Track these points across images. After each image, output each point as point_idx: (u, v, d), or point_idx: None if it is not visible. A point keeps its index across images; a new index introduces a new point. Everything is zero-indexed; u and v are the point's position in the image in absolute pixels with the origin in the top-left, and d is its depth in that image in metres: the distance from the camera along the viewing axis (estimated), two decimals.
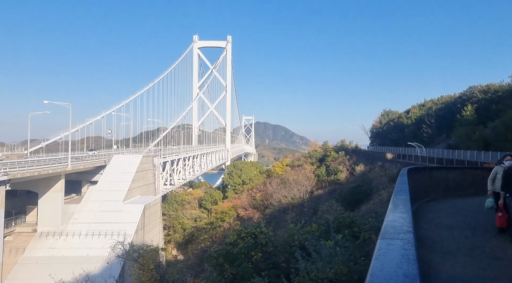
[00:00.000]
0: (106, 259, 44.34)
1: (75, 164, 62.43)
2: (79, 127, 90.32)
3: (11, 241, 55.42)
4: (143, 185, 75.37)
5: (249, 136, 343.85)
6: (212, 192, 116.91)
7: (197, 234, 75.32)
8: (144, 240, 59.39)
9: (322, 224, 23.53)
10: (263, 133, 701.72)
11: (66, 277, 42.70)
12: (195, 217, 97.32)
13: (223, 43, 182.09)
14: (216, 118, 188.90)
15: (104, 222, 59.36)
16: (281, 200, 73.60)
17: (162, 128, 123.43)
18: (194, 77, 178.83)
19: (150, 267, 22.86)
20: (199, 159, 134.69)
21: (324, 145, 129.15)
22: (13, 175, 47.16)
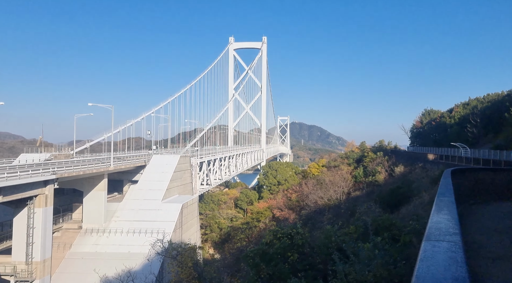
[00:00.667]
0: (146, 256, 45.83)
1: (117, 164, 65.02)
2: (120, 129, 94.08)
3: (59, 237, 58.63)
4: (181, 185, 77.14)
5: (284, 137, 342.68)
6: (248, 192, 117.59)
7: (233, 234, 76.13)
8: (182, 238, 60.76)
9: (360, 226, 23.02)
10: (298, 133, 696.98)
11: (109, 273, 44.59)
12: (231, 217, 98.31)
13: (258, 44, 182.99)
14: (251, 119, 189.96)
15: (144, 220, 61.34)
16: (317, 201, 72.77)
17: (199, 129, 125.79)
18: (230, 78, 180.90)
19: (189, 265, 23.36)
20: (234, 159, 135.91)
21: (362, 146, 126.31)
22: (60, 174, 49.85)
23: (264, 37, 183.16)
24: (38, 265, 46.62)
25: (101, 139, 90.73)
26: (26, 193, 44.84)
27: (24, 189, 44.26)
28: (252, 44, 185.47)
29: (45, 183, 47.43)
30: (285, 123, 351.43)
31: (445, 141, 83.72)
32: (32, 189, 45.63)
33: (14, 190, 42.86)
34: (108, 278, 42.25)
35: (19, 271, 45.71)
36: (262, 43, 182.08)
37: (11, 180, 41.48)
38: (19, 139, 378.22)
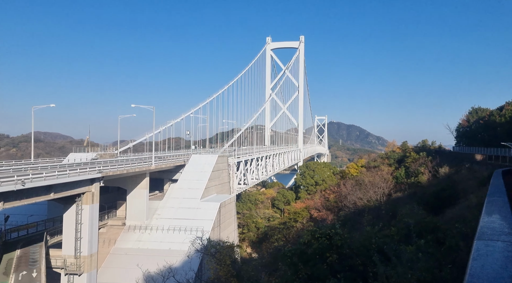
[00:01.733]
0: (186, 253, 47.02)
1: (158, 163, 67.09)
2: (161, 129, 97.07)
3: (104, 233, 61.41)
4: (219, 184, 78.26)
5: (322, 137, 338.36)
6: (285, 192, 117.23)
7: (271, 233, 76.18)
8: (220, 236, 61.67)
9: (402, 228, 22.24)
10: (336, 133, 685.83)
11: (151, 268, 46.10)
12: (268, 217, 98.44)
13: (295, 44, 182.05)
14: (288, 119, 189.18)
15: (184, 218, 62.84)
16: (356, 202, 71.18)
17: (236, 129, 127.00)
18: (267, 78, 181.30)
19: (227, 263, 23.66)
20: (271, 159, 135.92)
21: (403, 146, 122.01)
22: (105, 173, 52.19)
23: (301, 36, 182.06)
24: (86, 259, 49.06)
25: (143, 139, 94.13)
26: (75, 191, 47.35)
27: (72, 186, 46.78)
28: (289, 43, 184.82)
29: (92, 181, 49.85)
30: (323, 122, 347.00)
31: (494, 141, 79.00)
32: (80, 187, 48.12)
33: (64, 187, 45.40)
34: (150, 273, 43.69)
35: (69, 264, 48.34)
36: (299, 42, 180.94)
37: (61, 178, 43.95)
38: (68, 140, 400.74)
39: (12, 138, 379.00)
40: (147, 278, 43.21)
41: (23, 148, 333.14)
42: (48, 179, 41.93)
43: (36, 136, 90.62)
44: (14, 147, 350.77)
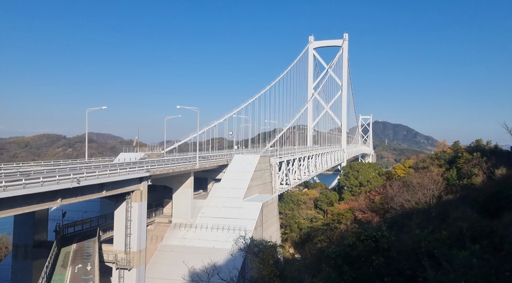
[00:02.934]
0: (229, 252, 47.55)
1: (202, 163, 68.66)
2: (205, 129, 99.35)
3: (152, 230, 63.84)
4: (261, 184, 78.60)
5: (367, 136, 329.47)
6: (328, 193, 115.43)
7: (314, 234, 75.34)
8: (262, 236, 61.94)
9: (454, 232, 21.14)
10: (382, 133, 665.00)
11: (196, 265, 47.26)
12: (311, 217, 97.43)
13: (339, 42, 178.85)
14: (331, 118, 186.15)
15: (227, 217, 63.78)
16: (403, 204, 68.46)
17: (278, 129, 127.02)
18: (309, 78, 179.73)
19: (270, 262, 23.70)
20: (314, 159, 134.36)
21: (455, 146, 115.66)
22: (153, 172, 54.22)
23: (345, 34, 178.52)
24: (135, 255, 51.26)
25: (187, 140, 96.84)
26: (125, 189, 49.65)
27: (123, 185, 49.08)
28: (333, 42, 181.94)
29: (140, 180, 52.01)
30: (368, 122, 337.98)
31: None
32: (130, 185, 50.37)
33: (115, 185, 47.75)
34: (195, 270, 44.78)
35: (119, 259, 50.74)
36: (343, 40, 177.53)
37: (113, 177, 46.25)
38: (119, 140, 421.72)
39: (68, 139, 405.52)
40: (192, 274, 44.36)
41: (78, 148, 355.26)
42: (100, 178, 44.29)
43: (89, 137, 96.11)
44: (70, 147, 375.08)
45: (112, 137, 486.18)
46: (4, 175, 40.88)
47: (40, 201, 37.50)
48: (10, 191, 32.90)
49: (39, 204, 37.56)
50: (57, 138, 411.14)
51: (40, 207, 38.63)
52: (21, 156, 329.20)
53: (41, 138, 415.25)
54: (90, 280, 42.74)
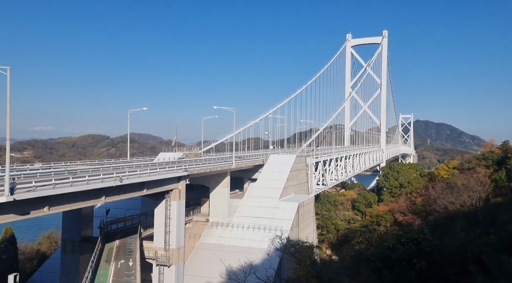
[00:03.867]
0: (266, 251, 47.75)
1: (238, 162, 69.26)
2: (241, 129, 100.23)
3: (190, 228, 65.22)
4: (297, 184, 78.07)
5: (407, 136, 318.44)
6: (366, 194, 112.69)
7: (352, 236, 73.77)
8: (299, 236, 61.44)
9: (504, 237, 19.90)
10: (423, 132, 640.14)
11: (233, 264, 47.74)
12: (348, 219, 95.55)
13: (378, 39, 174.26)
14: (369, 118, 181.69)
15: (263, 217, 63.90)
16: (447, 206, 65.49)
17: (314, 129, 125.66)
18: (347, 76, 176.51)
19: (307, 263, 23.47)
20: (351, 159, 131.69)
21: (504, 145, 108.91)
22: (191, 171, 55.40)
23: (384, 31, 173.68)
24: (174, 252, 52.59)
25: (224, 140, 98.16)
26: (164, 188, 51.08)
27: (162, 184, 50.53)
28: (371, 39, 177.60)
29: (179, 179, 53.30)
30: (408, 121, 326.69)
31: None
32: (169, 184, 51.76)
33: (155, 184, 49.27)
34: (232, 268, 45.22)
35: (159, 256, 52.28)
36: (382, 37, 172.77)
37: (153, 176, 47.73)
38: (158, 140, 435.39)
39: (112, 139, 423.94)
40: (229, 273, 44.82)
41: (120, 148, 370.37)
42: (141, 177, 45.84)
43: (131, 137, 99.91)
44: (114, 147, 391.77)
45: (152, 137, 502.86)
46: (54, 173, 43.39)
47: (86, 199, 39.41)
48: (59, 189, 34.81)
49: (85, 201, 39.48)
50: (101, 139, 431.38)
51: (86, 204, 40.60)
52: (69, 155, 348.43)
53: (86, 138, 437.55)
54: (132, 275, 44.34)
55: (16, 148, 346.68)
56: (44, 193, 33.16)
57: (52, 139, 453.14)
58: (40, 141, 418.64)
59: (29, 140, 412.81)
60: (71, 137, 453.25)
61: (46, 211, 34.84)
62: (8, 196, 29.08)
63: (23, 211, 32.48)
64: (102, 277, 44.12)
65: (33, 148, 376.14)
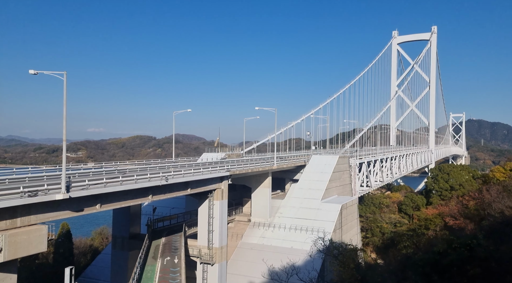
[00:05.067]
0: (308, 253, 47.20)
1: (279, 163, 69.16)
2: (282, 130, 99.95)
3: (232, 228, 66.05)
4: (340, 186, 76.59)
5: (458, 136, 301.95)
6: (414, 196, 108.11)
7: (398, 240, 71.12)
8: (342, 239, 60.26)
9: None
10: (476, 132, 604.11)
11: (275, 264, 47.79)
12: (394, 222, 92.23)
13: (426, 35, 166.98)
14: (417, 117, 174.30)
15: (305, 218, 63.35)
16: (503, 211, 61.15)
17: (358, 129, 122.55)
18: (393, 75, 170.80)
19: (350, 266, 22.90)
20: (397, 160, 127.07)
21: None
22: (233, 171, 56.12)
23: (433, 26, 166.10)
24: (217, 251, 53.53)
25: (265, 140, 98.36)
26: (207, 187, 52.15)
27: (205, 183, 51.62)
28: (419, 35, 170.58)
29: (221, 179, 54.19)
30: (460, 120, 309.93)
31: None
32: (212, 184, 52.78)
33: (199, 184, 50.45)
34: (274, 269, 45.28)
35: (203, 254, 53.44)
36: (431, 33, 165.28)
37: (196, 176, 48.91)
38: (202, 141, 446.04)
39: (158, 139, 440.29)
40: (271, 273, 44.91)
41: (166, 148, 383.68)
42: (186, 176, 47.13)
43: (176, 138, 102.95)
44: (159, 148, 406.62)
45: (195, 138, 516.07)
46: (105, 172, 45.78)
47: (134, 197, 41.14)
48: (110, 187, 36.66)
49: (133, 199, 41.24)
50: (148, 139, 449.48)
51: (134, 202, 42.39)
52: (118, 155, 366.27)
53: (135, 139, 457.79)
54: (177, 272, 45.64)
55: (71, 148, 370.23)
56: (96, 191, 35.08)
57: (103, 140, 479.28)
58: (92, 142, 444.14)
59: (83, 141, 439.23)
60: (120, 138, 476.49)
61: (98, 208, 36.81)
62: (64, 194, 31.06)
63: (77, 208, 34.52)
64: (150, 273, 45.80)
65: (87, 148, 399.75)
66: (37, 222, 30.74)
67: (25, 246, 28.60)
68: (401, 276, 23.78)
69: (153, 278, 44.55)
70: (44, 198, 30.14)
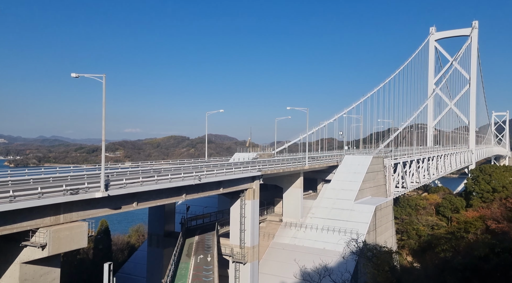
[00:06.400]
0: (341, 254, 46.58)
1: (311, 163, 68.57)
2: (314, 130, 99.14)
3: (264, 227, 66.22)
4: (374, 186, 74.91)
5: (502, 136, 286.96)
6: (452, 198, 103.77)
7: (436, 243, 68.45)
8: (376, 241, 58.88)
9: None
10: None
11: (307, 265, 47.47)
12: (432, 224, 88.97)
13: (466, 31, 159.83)
14: (456, 116, 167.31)
15: (337, 219, 62.48)
16: None
17: (393, 129, 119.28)
18: (430, 72, 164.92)
19: (385, 269, 22.36)
20: (435, 161, 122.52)
21: None
22: (264, 171, 56.25)
23: (474, 21, 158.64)
24: (249, 250, 53.86)
25: (297, 140, 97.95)
26: (239, 187, 52.60)
27: (237, 183, 52.08)
28: (458, 31, 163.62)
29: (253, 179, 54.47)
30: (503, 119, 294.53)
31: None
32: (243, 184, 53.17)
33: (230, 183, 50.98)
34: (306, 269, 45.01)
35: (235, 253, 53.96)
36: (471, 28, 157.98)
37: (228, 175, 49.45)
38: (233, 141, 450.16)
39: (191, 140, 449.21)
40: (304, 274, 44.64)
41: (199, 148, 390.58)
42: (218, 176, 47.77)
43: (208, 138, 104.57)
44: (193, 148, 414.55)
45: (227, 138, 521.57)
46: (141, 172, 47.26)
47: (169, 196, 42.20)
48: (146, 186, 37.83)
49: (168, 198, 42.32)
50: (182, 139, 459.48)
51: (169, 201, 43.48)
52: (154, 155, 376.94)
53: (169, 139, 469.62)
54: (210, 270, 46.34)
55: (109, 148, 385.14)
56: (133, 190, 36.32)
57: (139, 140, 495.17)
58: (129, 142, 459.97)
59: (120, 141, 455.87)
60: (156, 138, 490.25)
61: (135, 206, 38.08)
62: (103, 192, 32.40)
63: (115, 206, 35.88)
64: (183, 270, 46.80)
65: (124, 148, 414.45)
66: (78, 219, 32.25)
67: (68, 242, 30.06)
68: (438, 280, 22.90)
69: (187, 275, 45.47)
70: (84, 196, 31.60)
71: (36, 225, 28.93)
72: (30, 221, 28.53)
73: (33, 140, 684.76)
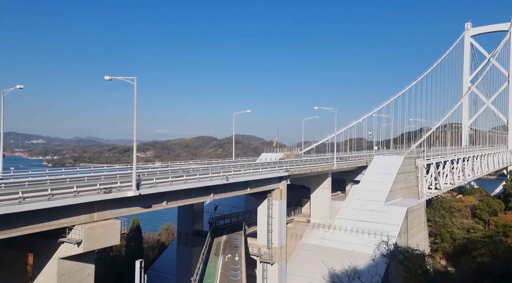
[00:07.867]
0: (371, 256, 45.67)
1: (339, 163, 67.57)
2: (342, 130, 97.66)
3: (291, 228, 65.86)
4: (405, 188, 72.89)
5: None
6: (490, 200, 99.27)
7: (472, 247, 65.87)
8: (408, 243, 57.30)
9: None
10: None
11: (336, 267, 46.80)
12: (467, 227, 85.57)
13: (505, 26, 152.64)
14: (494, 115, 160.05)
15: (367, 220, 61.22)
16: None
17: (426, 128, 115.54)
18: (465, 70, 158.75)
19: (418, 273, 21.68)
20: (470, 162, 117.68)
21: None
22: (291, 171, 55.97)
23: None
24: (276, 251, 53.77)
25: (325, 140, 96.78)
26: (266, 187, 52.61)
27: (264, 183, 52.12)
28: (496, 26, 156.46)
29: (280, 179, 54.33)
30: None
31: None
32: (270, 184, 53.13)
33: (258, 183, 51.09)
34: (335, 271, 44.41)
35: (263, 253, 54.00)
36: (510, 23, 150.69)
37: (255, 175, 49.59)
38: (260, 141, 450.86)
39: (219, 140, 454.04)
40: (332, 275, 44.08)
41: (226, 148, 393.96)
42: (245, 176, 48.01)
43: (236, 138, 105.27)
44: (220, 148, 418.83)
45: (254, 138, 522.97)
46: (171, 171, 48.23)
47: (197, 195, 42.84)
48: (175, 185, 38.57)
49: (196, 197, 42.97)
50: (210, 140, 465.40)
51: (197, 200, 44.14)
52: (182, 155, 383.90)
53: (197, 140, 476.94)
54: (238, 270, 46.65)
55: (140, 148, 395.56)
56: (163, 189, 37.14)
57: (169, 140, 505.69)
58: (159, 142, 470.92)
59: (150, 141, 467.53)
60: (184, 139, 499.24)
61: (165, 205, 38.91)
62: (135, 191, 33.32)
63: (146, 205, 36.82)
64: (212, 269, 47.35)
65: (154, 148, 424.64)
66: (111, 217, 33.33)
67: (101, 239, 31.14)
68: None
69: (215, 274, 45.96)
70: (117, 195, 32.62)
71: (72, 222, 30.13)
72: (66, 218, 29.76)
73: (69, 141, 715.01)
